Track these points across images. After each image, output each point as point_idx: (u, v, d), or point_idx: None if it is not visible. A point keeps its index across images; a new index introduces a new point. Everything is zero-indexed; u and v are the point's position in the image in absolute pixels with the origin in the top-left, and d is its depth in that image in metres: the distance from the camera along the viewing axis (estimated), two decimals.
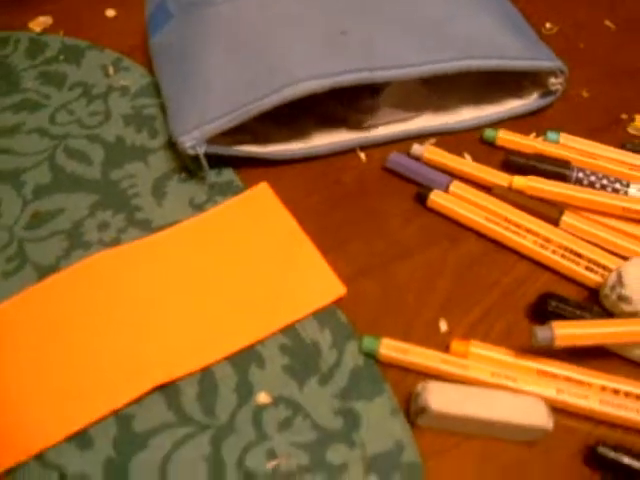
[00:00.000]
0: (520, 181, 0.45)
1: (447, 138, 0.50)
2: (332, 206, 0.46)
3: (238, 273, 0.42)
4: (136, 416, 0.37)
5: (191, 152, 0.44)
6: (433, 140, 0.49)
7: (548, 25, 0.58)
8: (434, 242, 0.44)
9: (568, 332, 0.37)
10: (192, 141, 0.44)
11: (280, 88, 0.44)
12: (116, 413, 0.37)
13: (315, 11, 0.48)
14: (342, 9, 0.49)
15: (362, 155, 0.49)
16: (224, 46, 0.48)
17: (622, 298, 0.39)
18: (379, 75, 0.45)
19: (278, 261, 0.42)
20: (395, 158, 0.47)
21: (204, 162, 0.45)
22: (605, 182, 0.46)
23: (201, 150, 0.44)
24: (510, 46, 0.48)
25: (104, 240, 0.44)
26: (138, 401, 0.38)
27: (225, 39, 0.48)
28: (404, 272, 0.43)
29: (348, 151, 0.49)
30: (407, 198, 0.46)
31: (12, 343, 0.39)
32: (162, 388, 0.38)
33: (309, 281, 0.42)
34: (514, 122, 0.51)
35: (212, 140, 0.45)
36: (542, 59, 0.49)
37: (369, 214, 0.46)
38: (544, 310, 0.40)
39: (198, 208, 0.46)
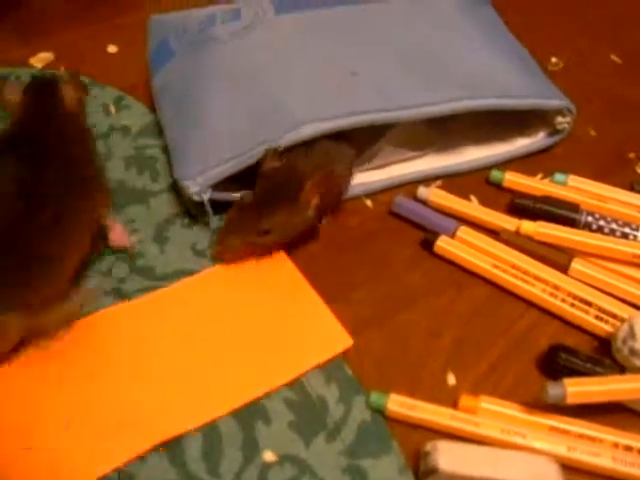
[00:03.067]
0: (529, 226, 0.45)
1: (453, 180, 0.49)
2: (337, 252, 0.45)
3: (242, 325, 0.41)
4: (138, 475, 0.37)
5: (196, 198, 0.44)
6: (439, 182, 0.49)
7: (554, 60, 0.58)
8: (441, 289, 0.44)
9: (580, 389, 0.36)
10: (197, 187, 0.44)
11: (285, 132, 0.44)
12: (118, 471, 0.37)
13: (323, 53, 0.48)
14: (349, 51, 0.48)
15: (368, 202, 0.48)
16: (228, 87, 0.47)
17: (634, 352, 0.38)
18: (389, 116, 0.45)
19: (283, 312, 0.42)
20: (401, 202, 0.47)
21: (209, 208, 0.44)
22: (614, 226, 0.45)
23: (206, 196, 0.44)
24: (519, 85, 0.48)
25: (106, 289, 0.43)
26: (141, 458, 0.37)
27: (229, 80, 0.47)
28: (411, 321, 0.42)
29: (354, 197, 0.48)
30: (413, 242, 0.46)
31: (13, 398, 0.39)
32: (166, 445, 0.37)
33: (315, 333, 0.41)
34: (520, 161, 0.50)
35: (217, 185, 0.44)
36: (550, 98, 0.49)
37: (375, 260, 0.45)
38: (554, 362, 0.40)
39: (201, 254, 0.45)
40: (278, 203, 0.42)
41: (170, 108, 0.49)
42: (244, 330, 0.41)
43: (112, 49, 0.59)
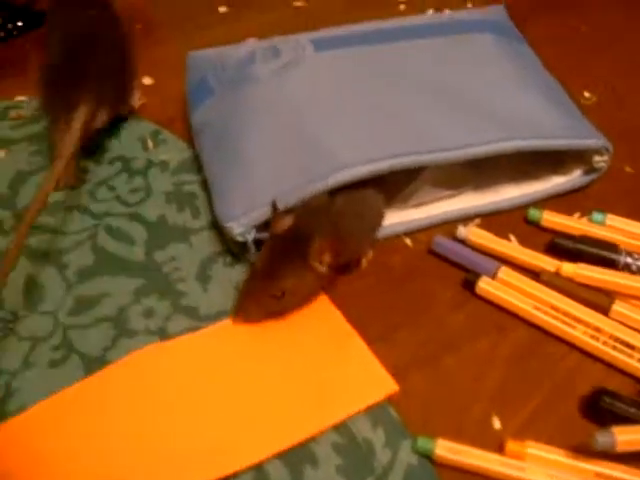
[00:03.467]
0: (569, 268, 0.45)
1: (491, 218, 0.49)
2: (378, 292, 0.46)
3: (284, 367, 0.42)
4: None
5: (240, 239, 0.44)
6: (478, 221, 0.49)
7: (587, 94, 0.58)
8: (483, 331, 0.44)
9: (630, 438, 0.37)
10: (241, 228, 0.44)
11: (328, 174, 0.44)
12: None
13: (362, 92, 0.48)
14: (388, 89, 0.49)
15: (407, 241, 0.48)
16: (269, 127, 0.47)
17: None
18: (428, 158, 0.45)
19: (326, 355, 0.42)
20: (441, 242, 0.47)
21: (252, 248, 0.44)
22: None
23: (250, 237, 0.44)
24: (557, 125, 0.48)
25: (150, 328, 0.44)
26: None
27: (269, 120, 0.48)
28: (454, 364, 0.43)
29: (392, 236, 0.48)
30: (454, 283, 0.46)
31: (55, 440, 0.39)
32: None
33: (359, 377, 0.41)
34: (557, 200, 0.51)
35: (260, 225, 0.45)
36: (588, 137, 0.49)
37: (416, 300, 0.45)
38: (598, 406, 0.40)
39: None
40: (287, 265, 0.41)
41: (210, 146, 0.50)
42: (286, 371, 0.42)
43: (147, 81, 0.60)
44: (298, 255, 0.41)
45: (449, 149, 0.45)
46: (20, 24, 0.63)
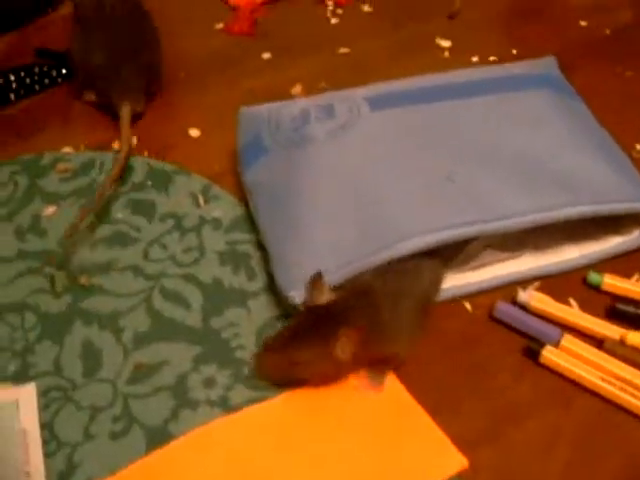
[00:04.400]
0: (635, 338, 0.44)
1: (550, 281, 0.49)
2: (438, 360, 0.45)
3: (352, 444, 0.41)
4: None
5: (302, 308, 0.43)
6: (537, 283, 0.49)
7: (638, 147, 0.58)
8: (548, 402, 0.43)
9: None
10: (302, 297, 0.43)
11: (391, 244, 0.44)
12: None
13: (420, 156, 0.48)
14: (446, 153, 0.48)
15: (467, 305, 0.48)
16: (327, 192, 0.47)
17: None
18: (493, 227, 0.45)
19: (392, 431, 0.42)
20: (503, 308, 0.46)
21: None
22: None
23: None
24: (616, 187, 0.48)
25: (212, 399, 0.43)
26: None
27: (328, 184, 0.48)
28: (521, 437, 0.42)
29: (451, 299, 0.48)
30: (515, 350, 0.46)
31: None
32: None
33: (428, 453, 0.41)
34: (614, 261, 0.50)
35: None
36: None
37: (477, 369, 0.45)
38: None
39: None
40: (307, 341, 0.41)
41: (265, 208, 0.49)
42: (352, 447, 0.41)
43: (194, 132, 0.59)
44: (322, 336, 0.41)
45: (513, 216, 0.45)
46: (64, 71, 0.63)
